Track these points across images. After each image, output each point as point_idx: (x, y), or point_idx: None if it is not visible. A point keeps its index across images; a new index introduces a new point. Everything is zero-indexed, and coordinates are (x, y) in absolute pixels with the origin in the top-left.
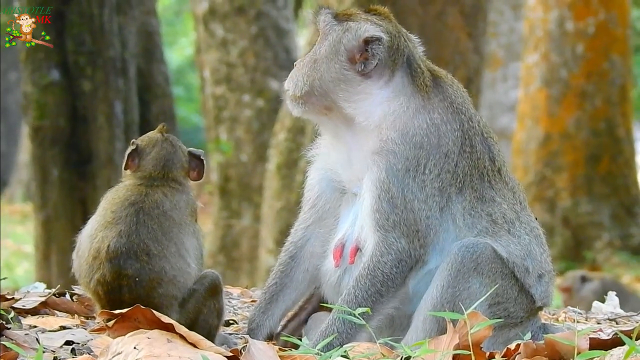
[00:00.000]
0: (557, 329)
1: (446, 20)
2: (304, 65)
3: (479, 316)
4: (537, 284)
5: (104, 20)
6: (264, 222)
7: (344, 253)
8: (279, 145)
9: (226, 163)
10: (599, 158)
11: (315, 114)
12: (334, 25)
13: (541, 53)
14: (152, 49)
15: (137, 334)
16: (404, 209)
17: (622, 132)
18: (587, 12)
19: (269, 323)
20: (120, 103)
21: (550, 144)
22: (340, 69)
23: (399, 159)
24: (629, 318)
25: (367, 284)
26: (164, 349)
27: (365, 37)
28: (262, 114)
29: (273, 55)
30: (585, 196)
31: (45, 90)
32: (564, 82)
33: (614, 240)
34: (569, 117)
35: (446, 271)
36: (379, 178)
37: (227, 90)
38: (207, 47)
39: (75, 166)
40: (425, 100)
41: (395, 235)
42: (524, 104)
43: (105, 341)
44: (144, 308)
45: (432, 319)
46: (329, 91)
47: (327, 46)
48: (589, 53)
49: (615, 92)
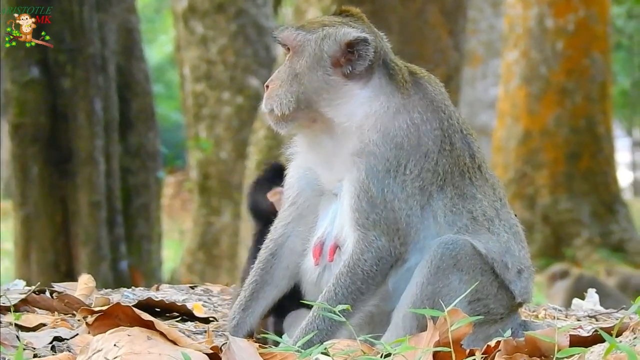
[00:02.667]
0: (537, 325)
1: (426, 17)
2: (282, 83)
3: (459, 313)
4: (516, 280)
5: (84, 17)
6: (243, 219)
7: (323, 251)
8: (259, 143)
9: (206, 160)
10: (579, 155)
11: (301, 128)
12: (306, 36)
13: (521, 50)
14: (132, 47)
15: (118, 332)
16: (384, 208)
17: (602, 130)
18: (567, 9)
19: (250, 320)
20: (100, 100)
21: (530, 141)
22: (324, 75)
23: (380, 160)
24: (609, 315)
25: (347, 282)
26: (144, 346)
27: (349, 40)
28: (241, 111)
29: (253, 53)
30: (565, 193)
31: (25, 88)
32: (544, 80)
33: (594, 237)
34: (549, 114)
35: (426, 268)
36: (359, 179)
37: (207, 88)
38: (187, 45)
39: (56, 164)
40: (405, 98)
41: (375, 233)
42: (503, 102)
43: (86, 339)
44: (125, 305)
45: (412, 316)
46: (313, 102)
47: (307, 57)
48: (569, 50)
49: (595, 89)
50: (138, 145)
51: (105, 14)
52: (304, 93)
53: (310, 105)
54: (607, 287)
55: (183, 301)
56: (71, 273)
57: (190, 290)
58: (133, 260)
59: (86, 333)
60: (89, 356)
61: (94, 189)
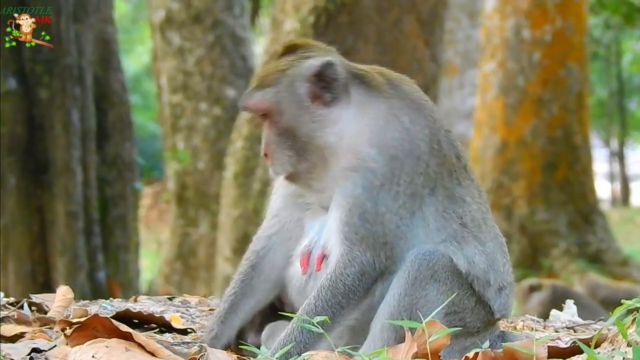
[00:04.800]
0: (516, 337)
1: (403, 28)
2: (277, 146)
3: (437, 324)
4: (496, 297)
5: (61, 28)
6: (221, 230)
7: (310, 260)
8: (236, 154)
9: (183, 171)
10: (555, 166)
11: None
12: (273, 91)
13: (498, 61)
14: (109, 57)
15: (96, 343)
16: (374, 222)
17: (579, 140)
18: (543, 20)
19: (228, 332)
20: (77, 111)
21: (507, 151)
22: (308, 115)
23: (376, 176)
24: (587, 326)
25: (327, 295)
26: (122, 357)
27: (315, 72)
28: (218, 122)
29: (230, 64)
30: (542, 204)
31: (1, 98)
32: (521, 90)
33: (571, 247)
34: (526, 124)
35: (403, 279)
36: (353, 193)
37: (184, 99)
38: (164, 55)
39: (32, 174)
40: (388, 102)
41: (361, 248)
42: (480, 112)
43: (64, 350)
44: (103, 317)
45: (390, 327)
46: (309, 142)
47: (286, 110)
48: (546, 60)
49: (572, 99)
50: (115, 155)
51: (82, 24)
52: (299, 141)
53: (306, 147)
54: (582, 298)
55: (161, 312)
56: (48, 283)
57: (168, 302)
58: (110, 271)
59: (64, 344)
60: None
61: (71, 199)
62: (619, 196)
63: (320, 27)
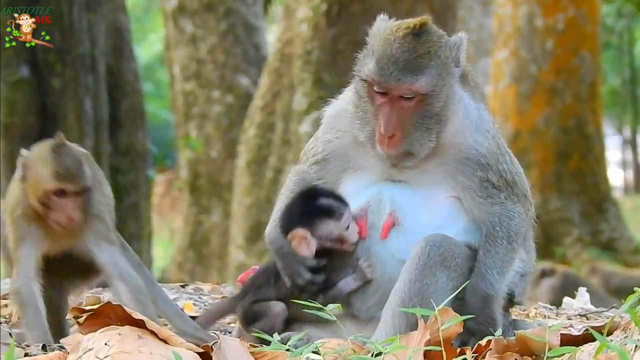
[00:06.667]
0: (528, 324)
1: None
2: (416, 128)
3: (450, 312)
4: (520, 283)
5: (73, 17)
6: (233, 218)
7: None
8: (249, 142)
9: (196, 159)
10: (568, 155)
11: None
12: (434, 74)
13: (510, 49)
14: (122, 46)
15: (108, 330)
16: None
17: (592, 129)
18: (556, 8)
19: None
20: (89, 100)
21: (519, 140)
22: (454, 94)
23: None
24: (600, 314)
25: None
26: (135, 345)
27: (458, 51)
28: (231, 110)
29: (242, 52)
30: (554, 193)
31: (14, 87)
32: (534, 79)
33: (584, 236)
34: (539, 113)
35: (413, 265)
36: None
37: (197, 87)
38: (177, 44)
39: None
40: (471, 90)
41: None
42: (493, 101)
43: (77, 337)
44: (115, 304)
45: (402, 314)
46: (445, 121)
47: (443, 92)
48: (559, 49)
49: (584, 88)
50: (128, 144)
51: (95, 13)
52: (438, 121)
53: (440, 127)
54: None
55: (174, 300)
56: None
57: (181, 289)
58: None
59: (77, 332)
60: (79, 355)
61: None
62: (631, 184)
63: (333, 16)
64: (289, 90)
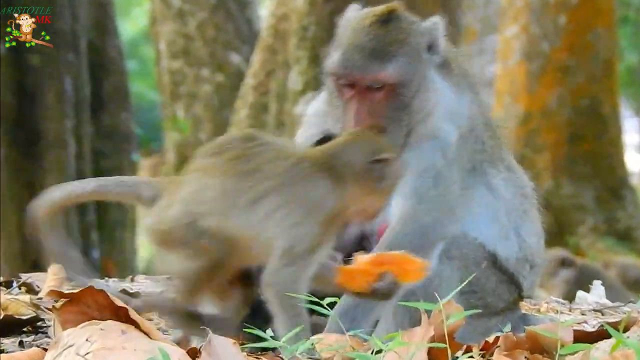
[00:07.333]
0: (539, 320)
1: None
2: (391, 119)
3: (453, 305)
4: (529, 275)
5: None
6: None
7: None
8: (241, 123)
9: (184, 142)
10: (582, 137)
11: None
12: (404, 62)
13: (521, 25)
14: (105, 21)
15: (90, 325)
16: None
17: (608, 109)
18: None
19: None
20: (70, 79)
21: (530, 122)
22: (427, 82)
23: (450, 147)
24: (615, 309)
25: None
26: (118, 340)
27: (433, 37)
28: (222, 89)
29: (234, 27)
30: (567, 177)
31: None
32: (545, 56)
33: (599, 224)
34: (550, 93)
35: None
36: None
37: (185, 65)
38: (163, 18)
39: (23, 146)
40: (454, 78)
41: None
42: (501, 80)
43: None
44: (97, 290)
45: (404, 308)
46: (417, 109)
47: (414, 80)
48: (572, 25)
49: (599, 66)
50: (111, 126)
51: None
52: (410, 110)
53: (411, 115)
54: (608, 279)
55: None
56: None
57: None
58: (105, 249)
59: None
60: (59, 352)
61: (63, 173)
62: None
63: None
64: (284, 68)
